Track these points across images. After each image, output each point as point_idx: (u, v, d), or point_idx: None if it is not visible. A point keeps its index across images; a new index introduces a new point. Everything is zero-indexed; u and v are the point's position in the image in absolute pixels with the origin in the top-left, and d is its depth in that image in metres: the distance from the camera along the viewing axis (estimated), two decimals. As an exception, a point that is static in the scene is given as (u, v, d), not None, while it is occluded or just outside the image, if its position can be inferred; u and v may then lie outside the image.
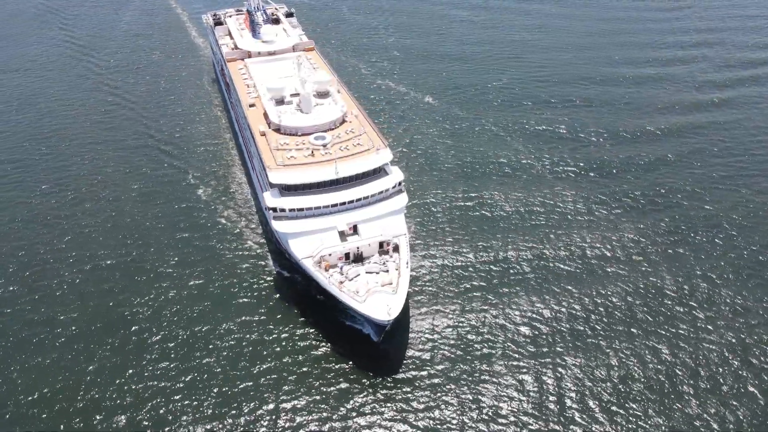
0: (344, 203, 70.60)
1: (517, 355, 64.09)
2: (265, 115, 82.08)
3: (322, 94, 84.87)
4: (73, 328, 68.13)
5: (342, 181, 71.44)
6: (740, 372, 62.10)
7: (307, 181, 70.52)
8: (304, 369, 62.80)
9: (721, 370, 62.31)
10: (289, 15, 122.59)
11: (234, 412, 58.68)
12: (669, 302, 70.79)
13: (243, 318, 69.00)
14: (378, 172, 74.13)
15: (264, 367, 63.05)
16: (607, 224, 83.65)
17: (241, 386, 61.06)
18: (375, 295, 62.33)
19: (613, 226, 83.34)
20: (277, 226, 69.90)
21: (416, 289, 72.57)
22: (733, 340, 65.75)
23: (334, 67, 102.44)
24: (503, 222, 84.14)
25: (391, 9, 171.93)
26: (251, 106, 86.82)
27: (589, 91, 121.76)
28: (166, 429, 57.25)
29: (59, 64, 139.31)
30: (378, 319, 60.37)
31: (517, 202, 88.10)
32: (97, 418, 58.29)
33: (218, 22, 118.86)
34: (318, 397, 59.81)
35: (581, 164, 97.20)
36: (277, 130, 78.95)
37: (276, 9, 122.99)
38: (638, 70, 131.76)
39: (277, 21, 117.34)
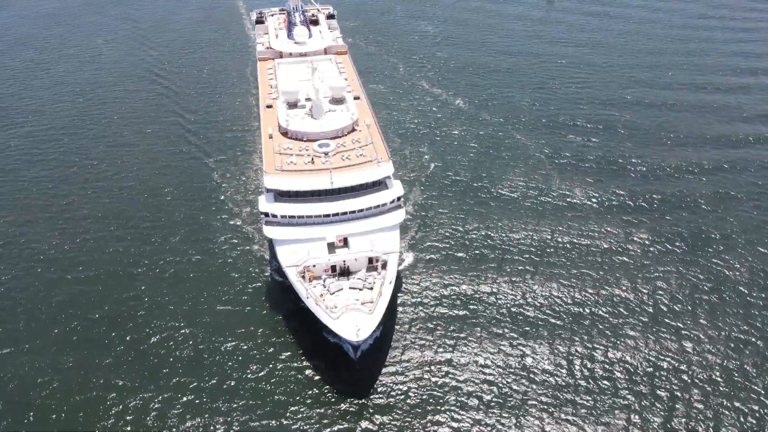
0: (337, 214, 69.22)
1: (500, 394, 60.75)
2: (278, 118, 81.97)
3: (337, 101, 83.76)
4: (78, 285, 74.17)
5: (338, 191, 70.09)
6: None
7: (300, 189, 69.68)
8: (278, 375, 62.15)
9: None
10: (330, 17, 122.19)
11: (197, 406, 59.08)
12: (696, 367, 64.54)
13: (229, 310, 70.20)
14: (377, 185, 72.24)
15: (236, 365, 63.21)
16: (627, 265, 77.59)
17: (211, 380, 61.80)
18: (350, 313, 60.60)
19: (634, 267, 77.04)
20: (267, 231, 69.44)
21: (407, 308, 70.29)
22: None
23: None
24: (507, 250, 79.48)
25: (444, 16, 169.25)
26: (268, 107, 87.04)
27: (630, 114, 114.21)
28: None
29: (119, 51, 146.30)
30: (347, 339, 58.67)
31: (527, 230, 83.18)
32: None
33: (259, 21, 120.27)
34: (287, 406, 58.98)
35: (609, 195, 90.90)
36: (285, 134, 78.59)
37: (318, 10, 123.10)
38: (689, 95, 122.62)
39: (315, 22, 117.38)
